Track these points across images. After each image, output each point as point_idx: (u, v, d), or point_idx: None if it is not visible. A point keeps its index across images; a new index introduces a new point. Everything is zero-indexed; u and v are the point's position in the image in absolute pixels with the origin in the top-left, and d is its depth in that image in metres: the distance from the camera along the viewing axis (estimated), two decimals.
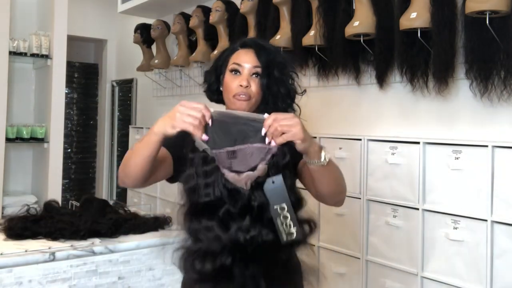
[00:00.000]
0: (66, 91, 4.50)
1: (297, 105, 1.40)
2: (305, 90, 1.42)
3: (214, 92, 1.42)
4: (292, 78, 1.38)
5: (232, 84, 1.33)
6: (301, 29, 2.55)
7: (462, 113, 2.03)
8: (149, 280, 1.81)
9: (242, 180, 1.07)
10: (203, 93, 1.46)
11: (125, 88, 4.86)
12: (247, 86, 1.31)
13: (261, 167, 1.07)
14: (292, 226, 1.08)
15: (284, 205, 1.07)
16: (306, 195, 1.20)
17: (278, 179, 1.08)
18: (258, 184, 1.08)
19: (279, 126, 1.06)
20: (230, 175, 1.07)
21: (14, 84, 3.52)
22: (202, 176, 1.08)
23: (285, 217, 1.07)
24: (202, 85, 1.46)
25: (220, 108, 1.25)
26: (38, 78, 3.67)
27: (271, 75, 1.33)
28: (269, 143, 1.07)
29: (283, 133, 1.06)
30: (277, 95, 1.34)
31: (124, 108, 4.88)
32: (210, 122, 1.09)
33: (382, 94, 2.34)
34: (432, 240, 1.94)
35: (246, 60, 1.34)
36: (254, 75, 1.33)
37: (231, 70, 1.34)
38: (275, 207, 1.07)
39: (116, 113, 5.01)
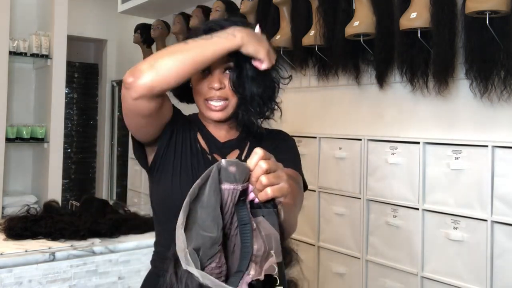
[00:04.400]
0: (66, 91, 4.51)
1: (277, 104, 1.16)
2: (290, 76, 1.19)
3: (183, 93, 1.21)
4: (273, 68, 1.13)
5: (202, 85, 1.12)
6: (301, 29, 2.55)
7: (462, 113, 2.03)
8: None
9: None
10: None
11: None
12: (220, 88, 1.11)
13: (261, 272, 0.77)
14: None
15: (272, 253, 0.80)
16: (307, 194, 1.16)
17: (268, 214, 0.82)
18: None
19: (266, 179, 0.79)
20: None
21: (14, 84, 3.52)
22: None
23: None
24: None
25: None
26: (38, 78, 3.67)
27: (242, 71, 1.10)
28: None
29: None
30: (251, 96, 1.10)
31: None
32: None
33: (382, 94, 2.34)
34: (432, 240, 1.94)
35: None
36: (227, 71, 1.12)
37: None
38: None
39: (116, 113, 5.00)
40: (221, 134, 1.20)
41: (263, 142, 1.18)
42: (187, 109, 1.26)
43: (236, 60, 1.10)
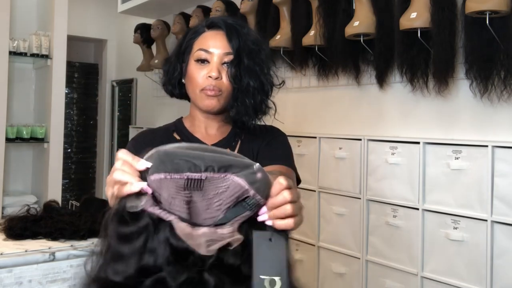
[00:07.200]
0: (66, 91, 4.50)
1: (273, 102, 1.18)
2: (283, 82, 1.21)
3: (175, 86, 1.19)
4: (268, 67, 1.15)
5: (199, 75, 1.11)
6: (301, 29, 2.55)
7: (462, 113, 2.03)
8: None
9: (200, 237, 0.68)
10: None
11: (125, 88, 4.86)
12: (217, 77, 1.10)
13: (234, 235, 0.70)
14: None
15: (277, 280, 0.68)
16: (307, 194, 1.17)
17: (279, 238, 0.72)
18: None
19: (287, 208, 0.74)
20: (180, 226, 0.69)
21: (14, 84, 3.52)
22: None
23: None
24: (161, 79, 1.25)
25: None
26: (38, 78, 3.67)
27: (241, 64, 1.11)
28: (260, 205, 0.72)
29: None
30: (247, 88, 1.11)
31: (124, 108, 4.88)
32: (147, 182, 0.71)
33: (382, 94, 2.34)
34: (432, 240, 1.94)
35: (215, 45, 1.12)
36: (225, 64, 1.12)
37: (197, 60, 1.12)
38: (261, 277, 0.68)
39: (116, 113, 5.01)
40: (211, 133, 1.19)
41: (255, 139, 1.18)
42: (178, 106, 1.26)
43: (236, 54, 1.10)
